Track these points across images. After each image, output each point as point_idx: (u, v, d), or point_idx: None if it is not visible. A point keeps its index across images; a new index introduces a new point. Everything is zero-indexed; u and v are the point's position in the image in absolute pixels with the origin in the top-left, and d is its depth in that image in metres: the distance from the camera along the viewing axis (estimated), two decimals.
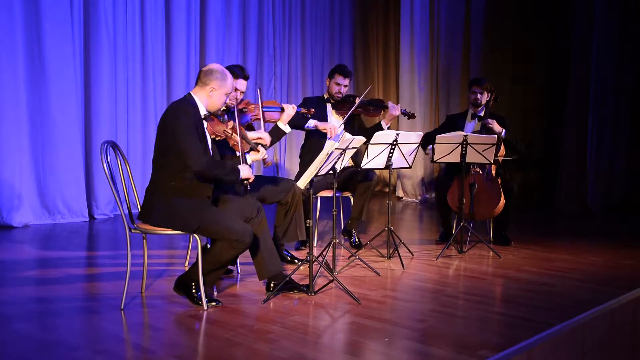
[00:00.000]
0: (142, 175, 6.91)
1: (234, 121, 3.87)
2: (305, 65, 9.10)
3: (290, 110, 4.52)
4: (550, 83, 8.70)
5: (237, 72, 4.29)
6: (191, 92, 3.68)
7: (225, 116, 3.87)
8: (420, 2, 8.56)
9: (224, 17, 7.93)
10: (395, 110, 5.14)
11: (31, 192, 6.26)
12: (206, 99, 3.64)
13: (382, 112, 5.25)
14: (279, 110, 4.56)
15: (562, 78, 7.98)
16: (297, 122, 4.84)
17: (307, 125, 5.02)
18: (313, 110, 4.89)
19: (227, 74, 3.67)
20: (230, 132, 3.75)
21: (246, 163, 3.76)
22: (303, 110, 4.77)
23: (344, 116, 5.18)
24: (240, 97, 4.36)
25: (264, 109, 4.51)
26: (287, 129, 4.56)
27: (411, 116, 5.27)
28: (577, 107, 7.55)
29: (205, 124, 3.66)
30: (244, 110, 4.47)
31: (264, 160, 4.04)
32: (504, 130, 5.29)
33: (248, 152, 3.86)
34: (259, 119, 4.46)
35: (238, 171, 3.61)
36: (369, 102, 5.28)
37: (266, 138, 4.22)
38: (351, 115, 5.14)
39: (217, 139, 3.78)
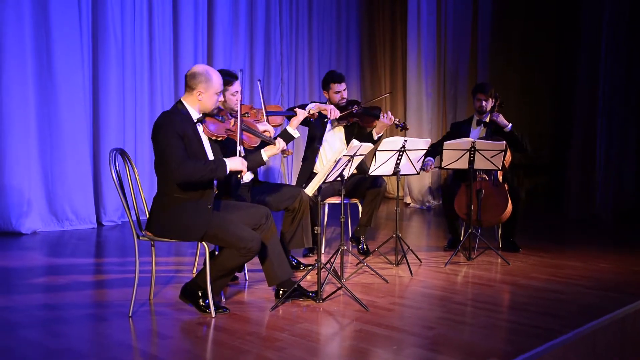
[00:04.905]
0: (150, 182, 6.92)
1: (235, 118, 3.79)
2: (312, 72, 9.10)
3: (300, 115, 4.44)
4: (557, 86, 8.68)
5: (228, 78, 4.13)
6: (182, 99, 3.65)
7: (228, 114, 3.81)
8: (427, 8, 8.56)
9: (231, 25, 7.95)
10: (386, 119, 4.99)
11: (40, 199, 6.28)
12: (197, 104, 3.61)
13: (376, 121, 5.13)
14: (285, 114, 4.45)
15: (570, 81, 7.95)
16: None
17: (307, 108, 4.85)
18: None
19: (212, 74, 3.60)
20: (233, 130, 3.69)
21: (243, 158, 3.72)
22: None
23: (342, 125, 5.17)
24: (239, 97, 4.29)
25: (268, 114, 4.42)
26: (296, 133, 4.46)
27: (404, 128, 5.13)
28: (585, 111, 7.50)
29: (200, 127, 3.62)
30: (246, 114, 4.40)
31: (283, 151, 3.95)
32: (510, 124, 5.27)
33: (260, 146, 3.83)
34: (261, 121, 4.38)
35: (223, 164, 3.51)
36: (366, 110, 5.16)
37: (270, 129, 4.13)
38: (351, 122, 5.14)
39: (218, 139, 3.71)
